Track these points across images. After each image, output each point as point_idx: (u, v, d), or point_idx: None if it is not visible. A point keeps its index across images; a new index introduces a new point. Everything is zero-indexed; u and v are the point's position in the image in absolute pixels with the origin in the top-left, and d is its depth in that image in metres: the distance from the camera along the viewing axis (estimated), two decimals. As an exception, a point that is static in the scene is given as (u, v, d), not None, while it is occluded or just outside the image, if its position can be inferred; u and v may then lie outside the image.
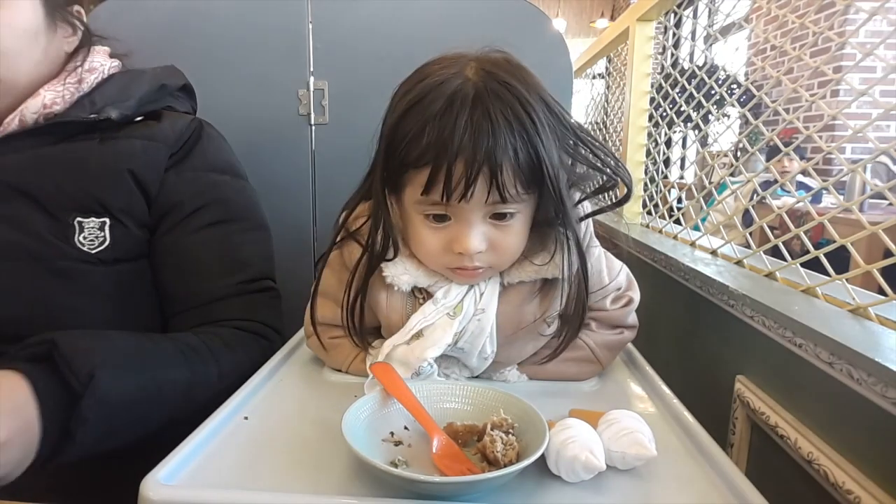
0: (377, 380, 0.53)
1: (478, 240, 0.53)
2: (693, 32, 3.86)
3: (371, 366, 0.54)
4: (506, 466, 0.43)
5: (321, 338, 0.65)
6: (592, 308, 0.62)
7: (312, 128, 1.27)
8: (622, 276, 0.67)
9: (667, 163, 1.37)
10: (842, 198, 0.84)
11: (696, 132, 1.70)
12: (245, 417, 0.54)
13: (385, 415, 0.51)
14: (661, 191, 1.33)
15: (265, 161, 1.27)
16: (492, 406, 0.51)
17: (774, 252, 0.84)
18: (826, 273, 0.72)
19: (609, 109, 1.95)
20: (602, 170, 0.57)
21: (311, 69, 1.25)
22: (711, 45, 1.15)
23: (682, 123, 1.31)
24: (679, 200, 1.32)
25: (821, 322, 0.61)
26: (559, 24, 6.82)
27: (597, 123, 2.18)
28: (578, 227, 0.56)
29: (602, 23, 6.91)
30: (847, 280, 0.68)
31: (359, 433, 0.46)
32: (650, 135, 1.35)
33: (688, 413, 0.55)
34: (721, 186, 1.44)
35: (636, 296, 0.67)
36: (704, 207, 1.10)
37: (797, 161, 2.74)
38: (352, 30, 1.25)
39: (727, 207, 1.17)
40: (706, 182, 1.08)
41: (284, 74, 1.25)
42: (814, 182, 2.42)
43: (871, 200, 2.46)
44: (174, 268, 0.75)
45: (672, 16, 1.35)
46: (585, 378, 0.66)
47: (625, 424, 0.47)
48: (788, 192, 0.92)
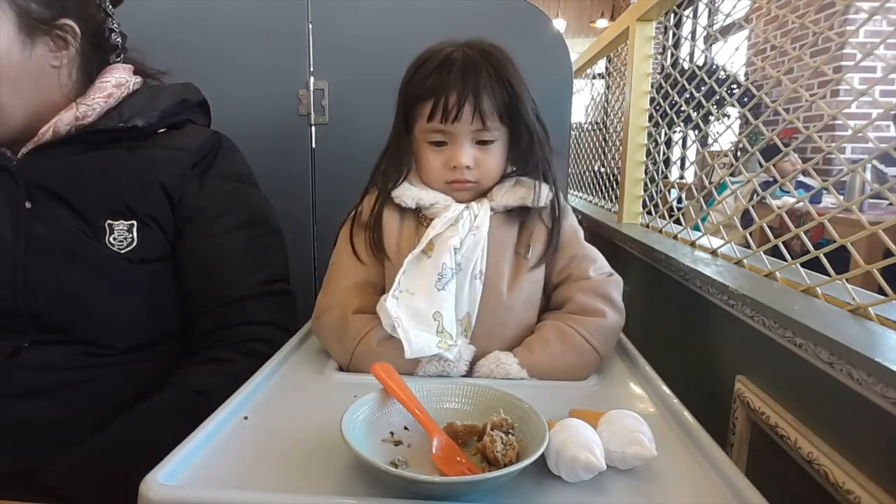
0: (378, 379, 0.53)
1: (467, 156, 0.69)
2: (693, 32, 3.86)
3: (371, 366, 0.54)
4: (506, 466, 0.43)
5: (341, 309, 0.69)
6: (576, 277, 0.72)
7: (312, 128, 1.27)
8: (604, 260, 0.76)
9: (667, 163, 1.37)
10: (842, 198, 0.84)
11: (696, 132, 1.70)
12: (245, 417, 0.54)
13: (385, 415, 0.51)
14: (661, 191, 1.33)
15: (265, 161, 1.26)
16: (492, 406, 0.51)
17: (774, 252, 0.84)
18: (826, 273, 0.72)
19: (609, 109, 1.95)
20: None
21: (311, 69, 1.25)
22: (711, 45, 1.15)
23: (682, 123, 1.31)
24: (679, 200, 1.32)
25: (821, 322, 0.61)
26: (559, 24, 6.82)
27: (597, 123, 2.18)
28: (552, 154, 0.74)
29: (602, 23, 6.92)
30: (847, 280, 0.68)
31: (359, 433, 0.47)
32: (650, 135, 1.35)
33: (688, 413, 0.55)
34: (721, 186, 1.44)
35: (617, 276, 0.75)
36: (704, 207, 1.10)
37: (795, 159, 2.74)
38: (352, 30, 1.25)
39: (727, 207, 1.17)
40: (706, 182, 1.08)
41: (284, 74, 1.25)
42: (814, 182, 2.42)
43: (871, 200, 2.46)
44: (197, 269, 0.80)
45: (672, 16, 1.34)
46: (586, 371, 0.67)
47: (624, 424, 0.47)
48: (788, 192, 0.92)
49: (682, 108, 1.23)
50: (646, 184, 1.36)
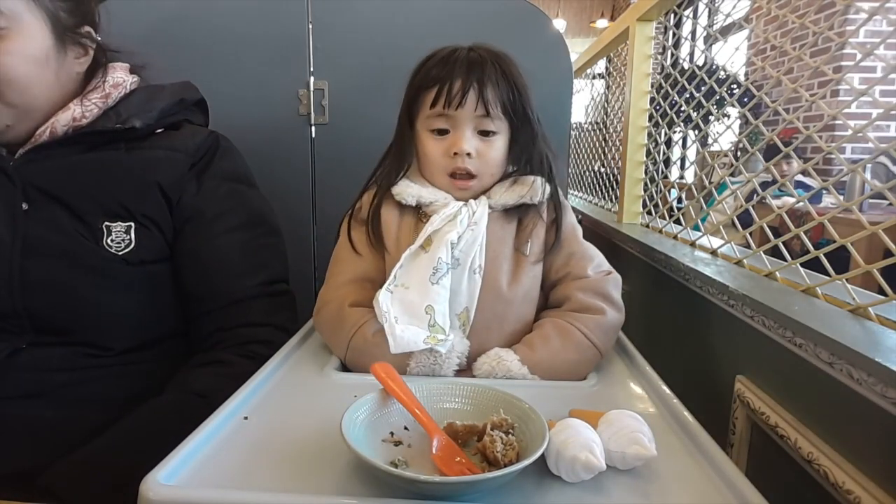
0: (378, 379, 0.53)
1: (469, 143, 0.70)
2: (693, 32, 3.86)
3: (371, 366, 0.54)
4: (506, 466, 0.43)
5: (338, 303, 0.70)
6: (574, 276, 0.72)
7: (312, 128, 1.27)
8: (603, 258, 0.76)
9: (667, 163, 1.37)
10: (842, 198, 0.83)
11: (696, 132, 1.70)
12: (245, 417, 0.54)
13: (385, 415, 0.51)
14: (661, 191, 1.33)
15: (265, 161, 1.27)
16: (492, 406, 0.51)
17: (774, 252, 0.84)
18: (826, 273, 0.72)
19: (609, 109, 1.95)
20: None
21: (311, 69, 1.25)
22: (711, 45, 1.15)
23: (682, 123, 1.31)
24: (679, 200, 1.32)
25: (821, 322, 0.61)
26: (559, 24, 6.82)
27: (597, 123, 2.18)
28: (553, 155, 0.74)
29: (602, 23, 6.91)
30: (847, 280, 0.68)
31: (359, 433, 0.46)
32: (650, 135, 1.35)
33: (688, 413, 0.55)
34: (721, 186, 1.44)
35: (616, 274, 0.75)
36: (704, 207, 1.10)
37: (796, 161, 2.74)
38: (352, 30, 1.25)
39: (727, 207, 1.17)
40: (706, 182, 1.08)
41: (284, 74, 1.25)
42: (814, 182, 2.43)
43: (871, 200, 2.46)
44: (197, 271, 0.79)
45: (672, 16, 1.35)
46: (586, 368, 0.67)
47: (624, 424, 0.47)
48: (787, 193, 0.92)
49: (682, 108, 1.23)
50: (646, 184, 1.36)
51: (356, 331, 0.66)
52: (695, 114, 1.18)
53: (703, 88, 1.12)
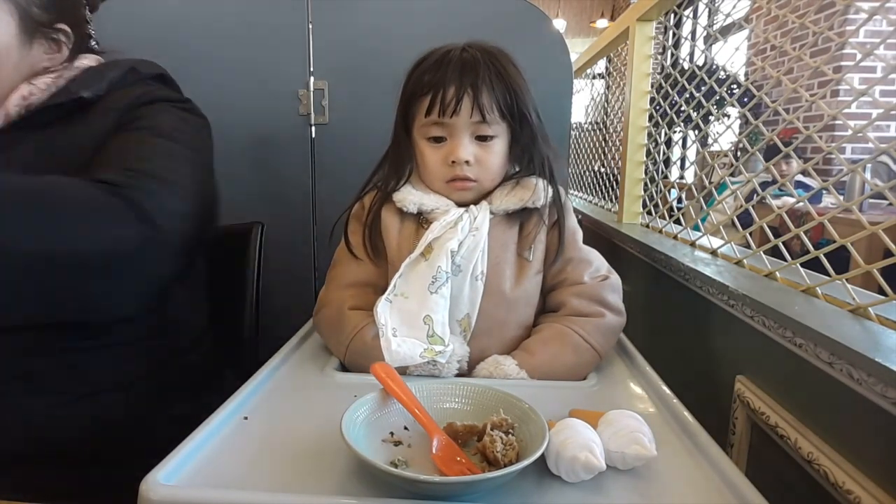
0: (378, 379, 0.53)
1: (467, 150, 0.68)
2: (693, 32, 3.86)
3: (371, 366, 0.54)
4: (506, 466, 0.43)
5: (337, 305, 0.69)
6: (571, 282, 0.71)
7: (312, 128, 1.27)
8: (602, 261, 0.75)
9: (667, 163, 1.37)
10: (842, 198, 0.83)
11: (696, 132, 1.71)
12: (245, 417, 0.54)
13: (385, 415, 0.51)
14: (661, 191, 1.33)
15: (265, 161, 1.27)
16: (492, 406, 0.51)
17: (774, 252, 0.84)
18: (826, 273, 0.72)
19: (609, 109, 1.95)
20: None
21: (311, 69, 1.26)
22: (711, 45, 1.15)
23: (682, 123, 1.31)
24: (679, 200, 1.32)
25: (821, 322, 0.61)
26: (559, 24, 6.82)
27: (597, 123, 2.18)
28: (555, 157, 0.73)
29: (602, 23, 6.91)
30: (847, 280, 0.68)
31: (358, 433, 0.47)
32: (650, 135, 1.35)
33: (688, 413, 0.55)
34: (721, 186, 1.44)
35: (615, 277, 0.74)
36: (704, 207, 1.10)
37: (796, 161, 2.74)
38: (352, 30, 1.25)
39: (727, 207, 1.17)
40: (706, 182, 1.08)
41: (284, 74, 1.25)
42: (814, 182, 2.42)
43: (871, 200, 2.46)
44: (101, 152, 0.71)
45: (672, 16, 1.35)
46: (585, 371, 0.67)
47: (624, 424, 0.47)
48: (787, 193, 0.92)
49: (682, 108, 1.23)
50: (646, 184, 1.36)
51: (356, 334, 0.66)
52: (695, 114, 1.18)
53: (703, 88, 1.12)
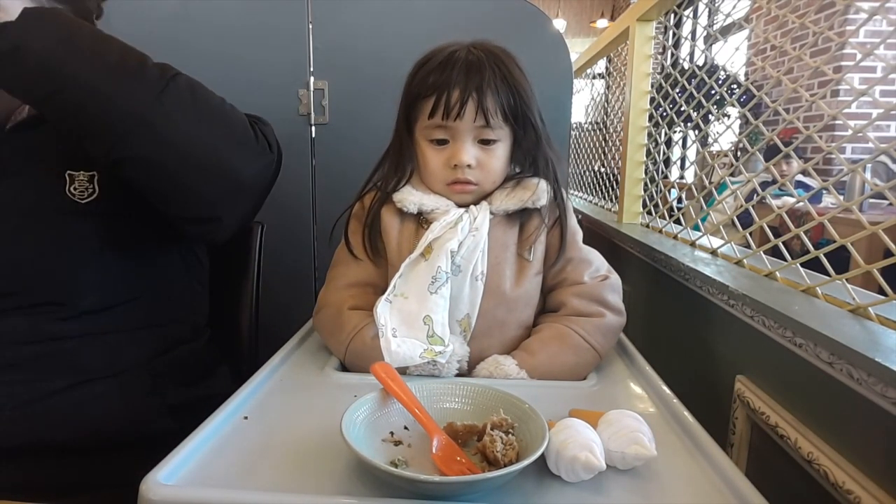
0: (378, 379, 0.53)
1: (469, 154, 0.68)
2: (693, 32, 3.86)
3: (371, 366, 0.54)
4: (506, 466, 0.43)
5: (337, 306, 0.69)
6: (571, 282, 0.72)
7: (312, 128, 1.27)
8: (602, 261, 0.75)
9: (667, 163, 1.37)
10: (842, 198, 0.84)
11: (696, 132, 1.71)
12: (245, 417, 0.54)
13: (385, 415, 0.51)
14: (661, 191, 1.33)
15: (265, 161, 1.27)
16: (492, 406, 0.51)
17: (774, 252, 0.84)
18: (826, 273, 0.72)
19: (609, 109, 1.95)
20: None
21: (311, 69, 1.25)
22: (711, 45, 1.15)
23: (682, 123, 1.31)
24: (679, 200, 1.32)
25: (821, 322, 0.61)
26: (559, 24, 6.82)
27: (597, 123, 2.19)
28: (557, 158, 0.72)
29: (602, 23, 6.91)
30: (847, 280, 0.68)
31: (359, 433, 0.47)
32: (650, 135, 1.35)
33: (688, 413, 0.55)
34: (721, 186, 1.44)
35: (614, 277, 0.74)
36: (704, 207, 1.10)
37: (796, 161, 2.74)
38: (352, 30, 1.25)
39: (727, 207, 1.17)
40: (706, 182, 1.08)
41: (284, 74, 1.25)
42: (814, 182, 2.42)
43: (871, 200, 2.46)
44: None
45: (672, 16, 1.35)
46: (585, 370, 0.67)
47: (624, 424, 0.47)
48: (787, 192, 0.92)
49: (682, 108, 1.23)
50: (646, 184, 1.36)
51: (355, 334, 0.66)
52: (695, 114, 1.18)
53: (704, 88, 1.12)
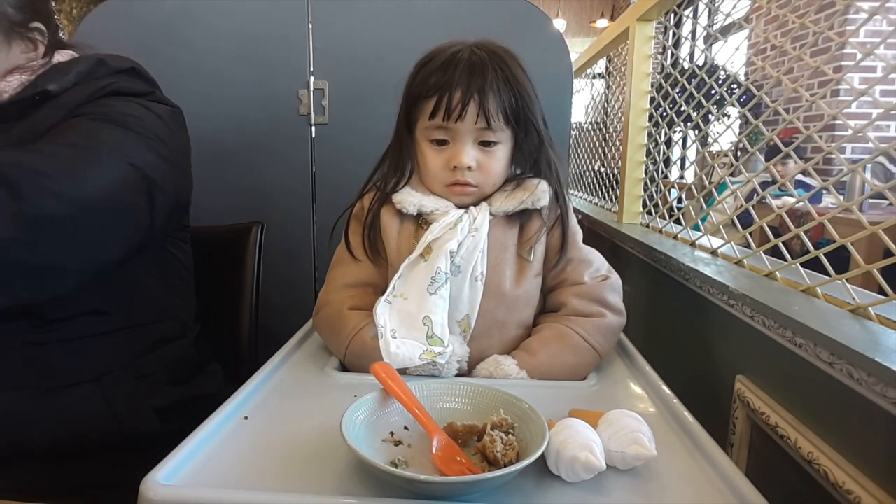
0: (378, 379, 0.53)
1: (469, 156, 0.68)
2: (693, 32, 3.86)
3: (371, 366, 0.54)
4: (506, 466, 0.43)
5: (337, 306, 0.69)
6: (571, 282, 0.71)
7: (312, 128, 1.27)
8: (602, 261, 0.75)
9: (667, 163, 1.37)
10: (842, 198, 0.84)
11: (696, 132, 1.71)
12: (245, 417, 0.54)
13: (385, 415, 0.51)
14: (661, 191, 1.33)
15: (265, 161, 1.27)
16: (492, 406, 0.51)
17: (774, 252, 0.84)
18: (826, 273, 0.72)
19: (609, 109, 1.95)
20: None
21: (311, 69, 1.26)
22: (711, 45, 1.15)
23: (682, 123, 1.31)
24: (679, 200, 1.32)
25: (821, 322, 0.61)
26: (559, 24, 6.82)
27: (597, 123, 2.18)
28: (558, 159, 0.72)
29: (602, 23, 6.91)
30: (847, 280, 0.68)
31: (359, 433, 0.47)
32: (650, 134, 1.35)
33: (688, 413, 0.55)
34: (721, 186, 1.43)
35: (615, 277, 0.74)
36: (704, 207, 1.10)
37: (793, 161, 2.74)
38: (352, 30, 1.25)
39: (727, 207, 1.17)
40: (706, 182, 1.08)
41: (284, 74, 1.25)
42: (814, 182, 2.42)
43: (871, 200, 2.46)
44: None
45: (672, 16, 1.35)
46: (585, 371, 0.67)
47: (625, 424, 0.47)
48: (787, 192, 0.92)
49: (682, 108, 1.23)
50: (646, 184, 1.36)
51: (355, 334, 0.66)
52: (695, 114, 1.18)
53: (704, 88, 1.12)
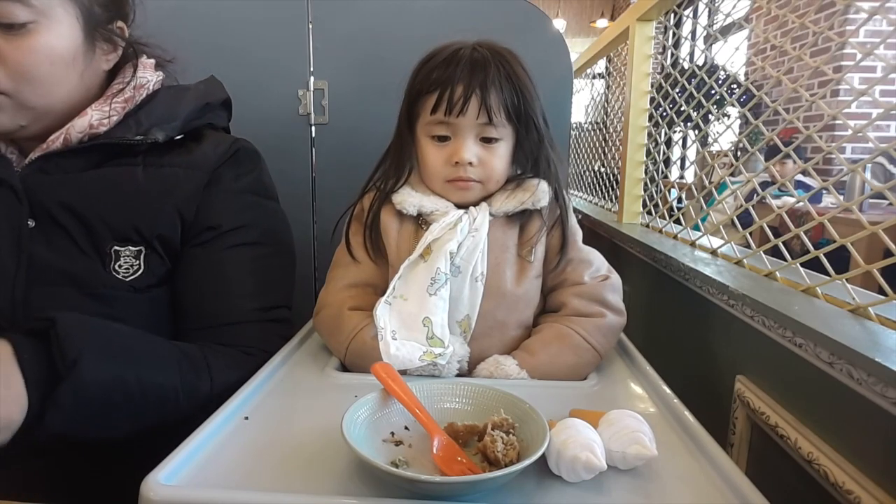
0: (378, 379, 0.53)
1: (470, 151, 0.67)
2: (693, 32, 3.86)
3: (372, 366, 0.54)
4: (506, 466, 0.43)
5: (337, 306, 0.69)
6: (571, 282, 0.71)
7: (312, 128, 1.27)
8: (602, 261, 0.75)
9: (667, 163, 1.37)
10: (842, 198, 0.84)
11: (696, 132, 1.71)
12: (245, 417, 0.54)
13: (385, 415, 0.51)
14: (661, 191, 1.33)
15: (265, 161, 1.27)
16: (492, 406, 0.51)
17: (774, 252, 0.84)
18: (826, 273, 0.72)
19: (609, 109, 1.95)
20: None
21: (311, 69, 1.25)
22: (711, 45, 1.15)
23: (682, 123, 1.31)
24: (679, 200, 1.32)
25: (821, 322, 0.61)
26: (559, 24, 6.82)
27: (597, 123, 2.18)
28: (558, 159, 0.72)
29: (602, 23, 6.92)
30: (847, 280, 0.68)
31: (359, 433, 0.46)
32: (650, 135, 1.35)
33: (688, 413, 0.55)
34: (721, 186, 1.43)
35: (615, 277, 0.74)
36: (704, 207, 1.10)
37: (792, 161, 2.74)
38: (352, 30, 1.25)
39: (727, 207, 1.17)
40: (706, 182, 1.08)
41: (284, 74, 1.25)
42: (814, 182, 2.42)
43: (871, 200, 2.46)
44: (197, 282, 0.73)
45: (672, 16, 1.34)
46: (586, 371, 0.67)
47: (625, 424, 0.47)
48: (787, 192, 0.92)
49: (682, 108, 1.23)
50: (646, 184, 1.36)
51: (355, 334, 0.66)
52: (695, 114, 1.18)
53: (704, 88, 1.12)
